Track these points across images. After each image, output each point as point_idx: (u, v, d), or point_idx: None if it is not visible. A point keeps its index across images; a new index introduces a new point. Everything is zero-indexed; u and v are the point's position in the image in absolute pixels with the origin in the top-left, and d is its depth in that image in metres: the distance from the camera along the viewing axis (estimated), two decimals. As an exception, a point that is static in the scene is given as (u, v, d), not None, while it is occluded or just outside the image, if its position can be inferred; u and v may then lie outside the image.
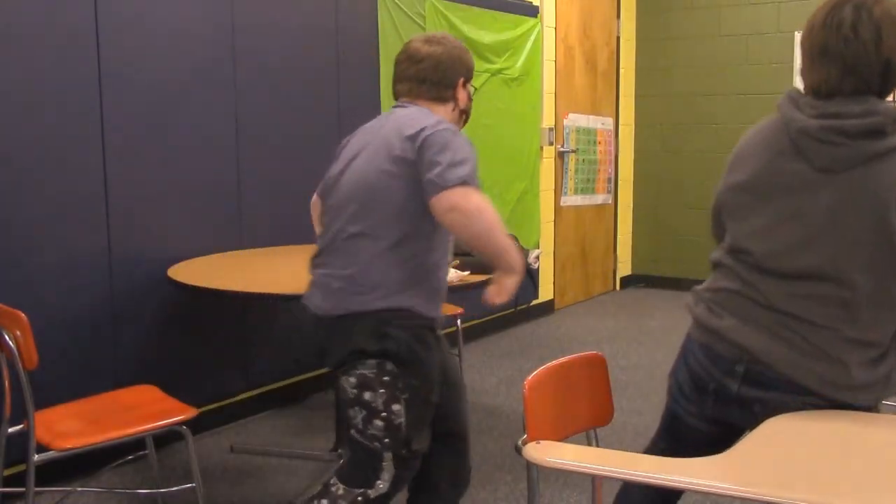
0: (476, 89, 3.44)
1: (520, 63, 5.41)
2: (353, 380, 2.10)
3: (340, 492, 2.14)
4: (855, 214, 1.62)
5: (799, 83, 6.30)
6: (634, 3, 6.97)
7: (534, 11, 5.51)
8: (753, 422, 1.69)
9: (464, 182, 1.97)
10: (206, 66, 3.49)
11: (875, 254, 1.61)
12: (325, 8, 4.02)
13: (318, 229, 2.44)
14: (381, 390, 2.08)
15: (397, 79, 2.32)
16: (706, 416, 1.82)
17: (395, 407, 2.10)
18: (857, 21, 1.62)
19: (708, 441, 1.84)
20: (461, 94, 2.33)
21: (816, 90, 1.69)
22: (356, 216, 2.11)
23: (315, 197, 2.49)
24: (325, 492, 2.16)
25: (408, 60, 2.29)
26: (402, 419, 2.10)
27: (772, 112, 1.81)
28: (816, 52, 1.67)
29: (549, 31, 5.78)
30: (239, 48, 3.62)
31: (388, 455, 2.11)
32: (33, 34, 2.90)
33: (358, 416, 2.11)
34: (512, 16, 5.30)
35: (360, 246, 2.09)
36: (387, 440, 2.10)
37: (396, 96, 2.34)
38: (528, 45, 5.47)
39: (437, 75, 2.27)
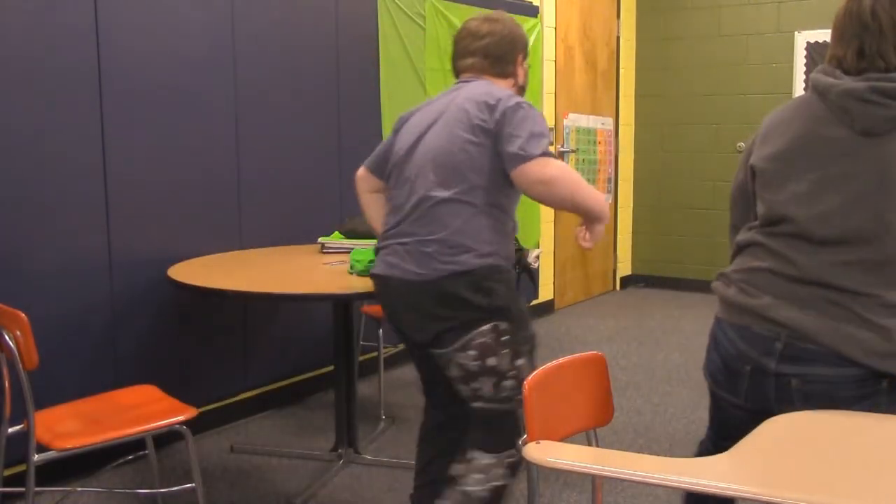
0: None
1: (520, 63, 5.41)
2: (472, 352, 2.15)
3: (490, 460, 2.19)
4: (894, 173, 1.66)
5: (799, 83, 6.32)
6: (634, 3, 6.97)
7: (534, 11, 5.51)
8: (787, 399, 1.71)
9: (544, 154, 2.11)
10: (206, 66, 3.49)
11: None
12: (325, 8, 4.02)
13: (363, 199, 2.53)
14: (504, 351, 2.17)
15: (460, 54, 2.41)
16: (743, 401, 1.82)
17: (519, 361, 2.19)
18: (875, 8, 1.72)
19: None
20: (520, 70, 2.46)
21: (847, 69, 1.75)
22: (443, 183, 2.16)
23: (363, 171, 2.52)
24: (471, 467, 2.20)
25: (470, 37, 2.39)
26: (528, 369, 2.18)
27: (774, 109, 1.87)
28: (847, 37, 1.75)
29: (549, 31, 5.78)
30: (239, 48, 3.62)
31: (522, 410, 2.12)
32: (33, 34, 2.90)
33: (485, 384, 2.17)
34: (512, 16, 5.30)
35: (451, 210, 2.14)
36: (520, 396, 2.15)
37: (458, 72, 2.44)
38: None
39: (500, 50, 2.39)
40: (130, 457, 3.15)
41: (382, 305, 2.30)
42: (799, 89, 6.34)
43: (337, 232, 3.52)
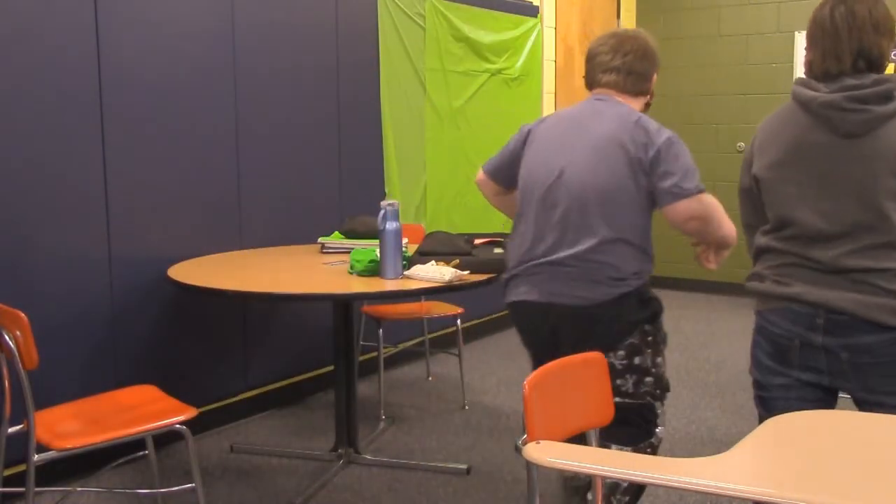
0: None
1: (520, 63, 5.41)
2: (621, 352, 2.34)
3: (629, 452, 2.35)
4: (883, 168, 1.87)
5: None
6: (634, 3, 6.97)
7: (534, 11, 5.51)
8: (841, 373, 1.91)
9: (699, 190, 2.24)
10: (207, 67, 3.49)
11: None
12: (325, 8, 4.02)
13: (495, 201, 2.68)
14: (648, 350, 2.37)
15: (600, 69, 2.46)
16: (798, 372, 1.98)
17: (658, 359, 2.40)
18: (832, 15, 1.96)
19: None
20: (652, 88, 2.56)
21: (825, 73, 1.95)
22: (608, 222, 2.30)
23: (484, 176, 2.64)
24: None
25: (612, 52, 2.45)
26: (664, 367, 2.42)
27: (774, 109, 2.05)
28: (822, 46, 1.96)
29: (549, 31, 5.78)
30: (239, 49, 3.62)
31: (658, 403, 2.40)
32: (33, 34, 2.89)
33: (628, 382, 2.36)
34: (512, 16, 5.30)
35: (614, 248, 2.30)
36: (657, 390, 2.39)
37: (591, 86, 2.51)
38: (528, 45, 5.48)
39: (641, 67, 2.47)
40: (130, 457, 3.15)
41: (531, 327, 2.43)
42: (799, 89, 6.34)
43: (337, 232, 3.52)
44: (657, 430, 2.42)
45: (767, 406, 2.06)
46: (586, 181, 2.31)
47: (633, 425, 2.39)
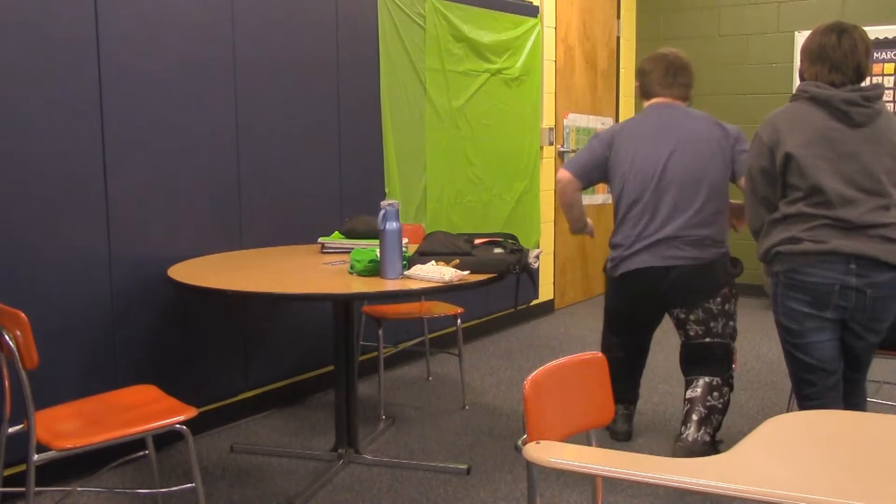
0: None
1: (520, 63, 5.41)
2: (718, 300, 3.17)
3: (719, 381, 3.19)
4: (883, 149, 2.52)
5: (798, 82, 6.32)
6: (634, 3, 6.97)
7: (534, 11, 5.51)
8: (863, 304, 2.49)
9: None
10: (207, 67, 3.49)
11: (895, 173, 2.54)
12: (325, 8, 4.02)
13: (575, 197, 3.37)
14: (733, 300, 3.25)
15: (676, 83, 3.30)
16: (831, 314, 2.53)
17: (734, 309, 3.27)
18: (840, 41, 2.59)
19: (836, 348, 2.60)
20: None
21: (831, 83, 2.57)
22: (711, 197, 3.14)
23: (570, 176, 3.32)
24: (708, 387, 3.18)
25: (685, 70, 3.32)
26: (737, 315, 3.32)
27: (774, 108, 2.63)
28: (831, 63, 2.58)
29: (549, 31, 5.78)
30: (239, 49, 3.62)
31: (734, 344, 3.27)
32: (33, 34, 2.90)
33: (719, 324, 3.17)
34: (512, 16, 5.30)
35: (717, 217, 3.16)
36: (735, 333, 3.26)
37: (657, 95, 3.32)
38: (528, 45, 5.48)
39: (692, 81, 3.39)
40: (130, 457, 3.15)
41: (649, 289, 3.18)
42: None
43: (337, 232, 3.52)
44: (734, 364, 3.23)
45: (803, 349, 2.59)
46: (692, 168, 3.11)
47: (719, 360, 3.19)
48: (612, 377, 3.41)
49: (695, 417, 3.13)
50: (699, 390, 3.18)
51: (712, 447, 3.14)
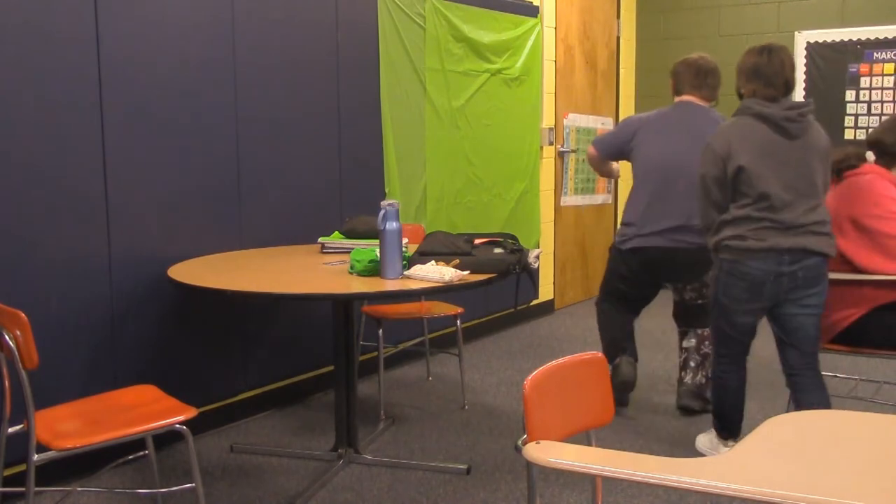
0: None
1: (520, 63, 5.41)
2: (711, 273, 3.23)
3: (706, 332, 3.72)
4: (814, 157, 2.97)
5: (800, 83, 6.32)
6: (634, 3, 6.97)
7: (534, 11, 5.51)
8: (794, 285, 2.95)
9: None
10: (207, 67, 3.49)
11: (825, 175, 3.01)
12: (325, 8, 4.02)
13: (603, 161, 3.96)
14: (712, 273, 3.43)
15: (705, 85, 3.73)
16: (765, 301, 2.99)
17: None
18: (770, 60, 3.02)
19: (756, 323, 3.10)
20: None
21: (767, 98, 3.00)
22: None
23: (596, 152, 3.92)
24: (700, 338, 3.76)
25: (714, 73, 3.72)
26: None
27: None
28: (763, 79, 3.01)
29: (549, 31, 5.78)
30: (239, 49, 3.62)
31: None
32: (33, 34, 2.90)
33: (710, 290, 3.22)
34: (512, 16, 5.30)
35: (693, 204, 3.49)
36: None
37: (684, 93, 3.78)
38: (528, 45, 5.48)
39: (720, 82, 3.77)
40: (130, 457, 3.15)
41: (655, 265, 3.66)
42: (799, 89, 6.34)
43: (337, 232, 3.52)
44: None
45: (731, 324, 3.08)
46: (697, 164, 3.20)
47: (706, 315, 3.57)
48: (611, 333, 3.91)
49: (692, 364, 3.74)
50: (694, 340, 3.76)
51: (706, 387, 3.75)
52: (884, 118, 6.09)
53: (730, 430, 3.26)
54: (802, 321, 3.01)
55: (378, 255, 2.77)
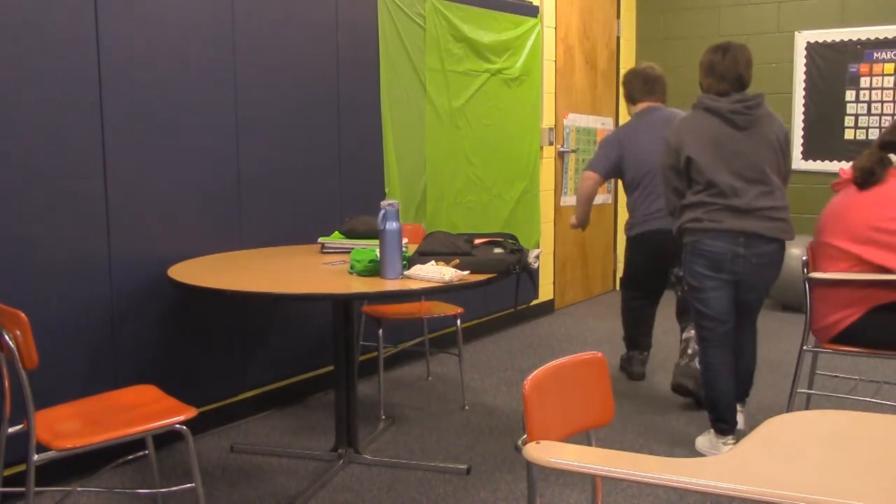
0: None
1: (520, 63, 5.41)
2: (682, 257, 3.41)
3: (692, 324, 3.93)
4: (764, 147, 3.17)
5: (800, 83, 6.32)
6: (634, 3, 6.97)
7: (534, 11, 5.51)
8: (751, 270, 3.17)
9: None
10: (207, 67, 3.49)
11: (777, 163, 3.21)
12: (325, 8, 4.02)
13: (594, 192, 4.35)
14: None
15: (656, 90, 4.28)
16: (726, 276, 3.19)
17: None
18: (724, 58, 3.25)
19: (729, 303, 3.26)
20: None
21: (720, 93, 3.22)
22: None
23: (597, 177, 4.31)
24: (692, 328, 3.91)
25: (661, 79, 4.29)
26: None
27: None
28: (717, 75, 3.24)
29: (549, 31, 5.78)
30: (239, 49, 3.62)
31: None
32: (33, 34, 2.90)
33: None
34: (512, 16, 5.30)
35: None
36: None
37: (643, 100, 4.31)
38: (528, 45, 5.48)
39: (666, 88, 4.34)
40: (130, 457, 3.15)
41: (663, 246, 4.04)
42: (799, 89, 6.35)
43: (337, 232, 3.52)
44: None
45: (703, 302, 3.26)
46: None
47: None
48: (630, 325, 4.47)
49: (689, 351, 3.94)
50: (692, 332, 3.95)
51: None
52: (884, 118, 6.10)
53: (724, 420, 3.28)
54: (751, 301, 3.32)
55: (378, 255, 2.77)
